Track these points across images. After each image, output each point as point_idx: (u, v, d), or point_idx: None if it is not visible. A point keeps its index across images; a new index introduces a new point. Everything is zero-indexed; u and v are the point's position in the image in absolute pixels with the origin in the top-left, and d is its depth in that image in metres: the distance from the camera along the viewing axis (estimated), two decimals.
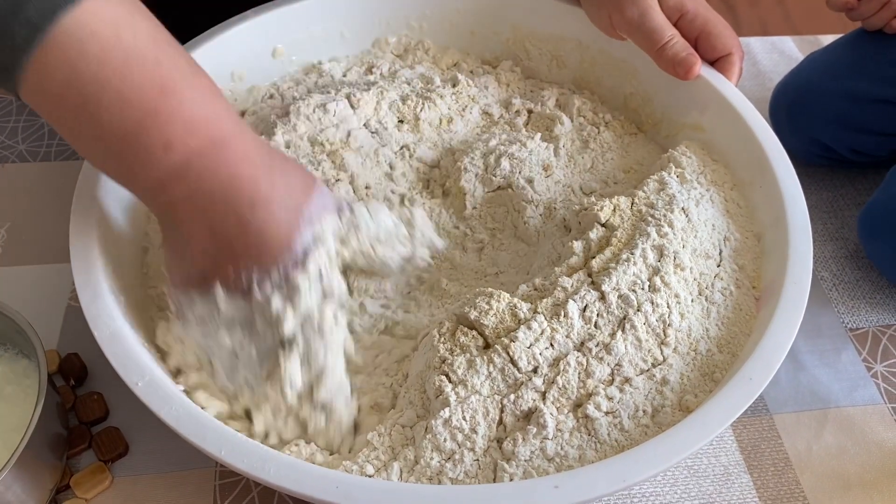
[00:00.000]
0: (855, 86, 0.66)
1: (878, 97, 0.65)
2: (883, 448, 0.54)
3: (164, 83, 0.39)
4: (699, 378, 0.44)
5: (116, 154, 0.39)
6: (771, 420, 0.56)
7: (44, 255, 0.62)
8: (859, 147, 0.68)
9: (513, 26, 0.66)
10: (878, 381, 0.58)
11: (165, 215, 0.42)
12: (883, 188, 0.62)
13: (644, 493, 0.51)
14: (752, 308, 0.47)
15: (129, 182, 0.42)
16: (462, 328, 0.44)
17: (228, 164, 0.40)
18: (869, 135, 0.67)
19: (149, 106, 0.38)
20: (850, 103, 0.66)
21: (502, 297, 0.44)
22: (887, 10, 0.64)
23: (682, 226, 0.47)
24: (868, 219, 0.62)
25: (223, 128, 0.41)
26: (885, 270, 0.62)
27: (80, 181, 0.49)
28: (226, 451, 0.38)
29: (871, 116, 0.66)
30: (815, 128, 0.68)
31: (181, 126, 0.39)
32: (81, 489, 0.49)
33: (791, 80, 0.71)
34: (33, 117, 0.74)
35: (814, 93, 0.68)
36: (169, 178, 0.40)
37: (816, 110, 0.67)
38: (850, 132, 0.67)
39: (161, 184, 0.40)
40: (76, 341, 0.57)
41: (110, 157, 0.40)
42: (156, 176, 0.40)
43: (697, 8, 0.56)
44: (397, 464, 0.41)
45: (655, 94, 0.61)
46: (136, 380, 0.41)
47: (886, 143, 0.68)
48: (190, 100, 0.39)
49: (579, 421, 0.42)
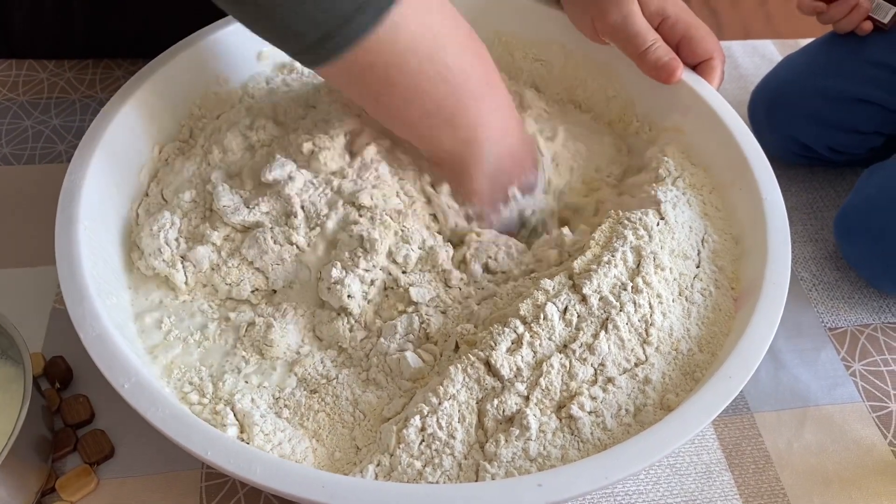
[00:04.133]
0: (831, 84, 0.67)
1: (854, 96, 0.67)
2: (861, 445, 0.55)
3: (472, 37, 0.50)
4: (680, 377, 0.45)
5: (455, 94, 0.48)
6: (752, 418, 0.56)
7: (28, 258, 0.62)
8: (837, 145, 0.69)
9: (496, 31, 0.66)
10: (856, 379, 0.59)
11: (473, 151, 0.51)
12: (856, 191, 0.64)
13: (627, 491, 0.52)
14: (731, 308, 0.48)
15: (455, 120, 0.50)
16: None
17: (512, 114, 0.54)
18: (846, 133, 0.68)
19: (474, 53, 0.50)
20: (826, 102, 0.67)
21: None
22: (856, 13, 0.66)
23: (659, 227, 0.48)
24: (843, 221, 0.63)
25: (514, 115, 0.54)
26: (861, 271, 0.64)
27: (65, 184, 0.49)
28: (212, 453, 0.39)
29: (847, 115, 0.67)
30: (794, 126, 0.69)
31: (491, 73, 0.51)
32: (67, 492, 0.49)
33: (769, 80, 0.72)
34: (17, 120, 0.73)
35: (792, 92, 0.69)
36: (489, 113, 0.51)
37: (794, 109, 0.69)
38: (828, 130, 0.68)
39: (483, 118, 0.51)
40: (61, 344, 0.56)
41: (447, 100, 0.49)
42: (483, 110, 0.50)
43: (679, 13, 0.57)
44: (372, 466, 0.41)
45: (638, 98, 0.61)
46: (123, 381, 0.41)
47: (864, 141, 0.69)
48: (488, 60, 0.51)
49: (562, 421, 0.42)
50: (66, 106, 0.75)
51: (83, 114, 0.74)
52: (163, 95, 0.57)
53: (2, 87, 0.76)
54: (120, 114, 0.53)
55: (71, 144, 0.71)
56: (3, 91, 0.76)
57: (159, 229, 0.50)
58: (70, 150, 0.71)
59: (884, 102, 0.66)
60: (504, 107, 0.53)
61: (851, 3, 0.65)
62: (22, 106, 0.75)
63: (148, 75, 0.56)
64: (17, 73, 0.77)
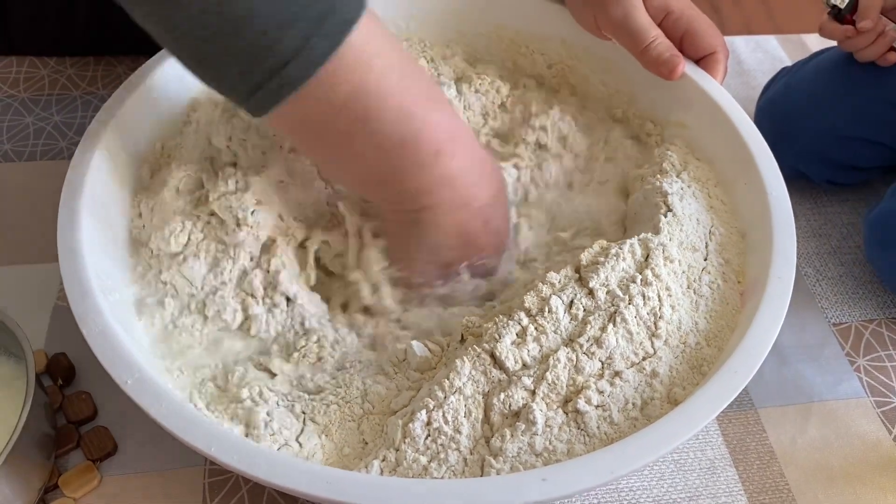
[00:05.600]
0: (842, 124, 0.65)
1: (863, 136, 0.65)
2: (866, 441, 0.55)
3: (430, 94, 0.45)
4: (688, 371, 0.45)
5: (390, 161, 0.43)
6: (756, 414, 0.56)
7: (31, 254, 0.62)
8: (836, 179, 0.69)
9: (498, 26, 0.66)
10: (860, 374, 0.59)
11: (416, 217, 0.46)
12: (892, 196, 0.61)
13: (631, 486, 0.52)
14: (737, 302, 0.48)
15: (395, 186, 0.45)
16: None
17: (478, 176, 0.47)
18: (847, 170, 0.68)
19: (424, 116, 0.43)
20: (834, 140, 0.66)
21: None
22: (882, 42, 0.62)
23: (667, 219, 0.48)
24: (880, 227, 0.61)
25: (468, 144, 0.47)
26: (887, 280, 0.62)
27: (67, 180, 0.49)
28: (216, 448, 0.38)
29: (852, 154, 0.66)
30: (796, 158, 0.67)
31: (446, 135, 0.44)
32: (70, 488, 0.49)
33: (776, 103, 0.69)
34: (18, 117, 0.73)
35: (798, 126, 0.67)
36: (437, 183, 0.45)
37: (799, 143, 0.67)
38: (831, 168, 0.68)
39: (428, 188, 0.45)
40: (63, 341, 0.56)
41: (382, 164, 0.44)
42: (427, 180, 0.44)
43: (682, 8, 0.56)
44: (377, 462, 0.41)
45: (640, 93, 0.61)
46: (126, 378, 0.41)
47: (863, 176, 0.69)
48: (448, 111, 0.45)
49: (569, 415, 0.42)
50: (68, 102, 0.75)
51: (84, 110, 0.74)
52: (165, 91, 0.57)
53: (3, 83, 0.76)
54: (122, 110, 0.53)
55: (72, 141, 0.71)
56: (5, 88, 0.76)
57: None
58: (71, 147, 0.70)
59: (894, 143, 0.65)
60: (462, 174, 0.46)
61: (878, 30, 0.61)
62: (23, 102, 0.75)
63: (149, 72, 0.55)
64: (18, 69, 0.77)
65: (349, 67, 0.40)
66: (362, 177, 0.46)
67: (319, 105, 0.40)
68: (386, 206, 0.48)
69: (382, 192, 0.47)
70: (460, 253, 0.48)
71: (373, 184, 0.47)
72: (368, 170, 0.45)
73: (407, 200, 0.46)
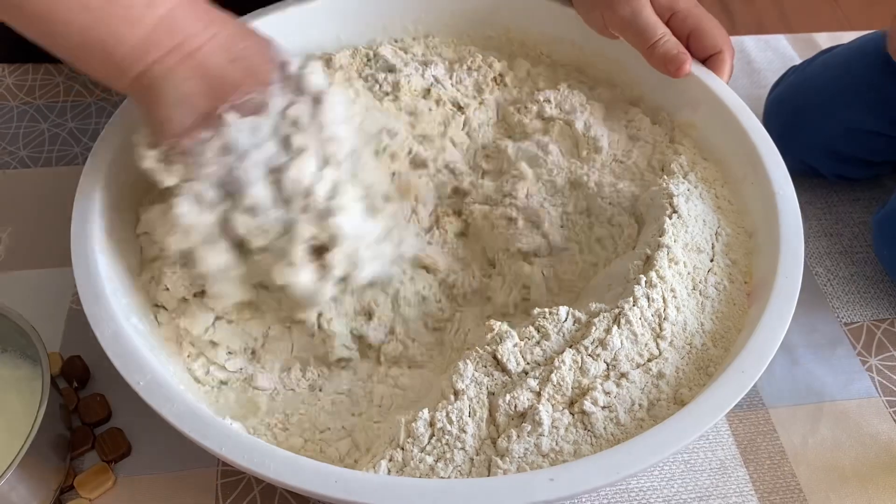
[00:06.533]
0: (852, 116, 0.64)
1: (874, 129, 0.64)
2: (878, 441, 0.55)
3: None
4: (694, 372, 0.45)
5: (103, 23, 0.40)
6: (766, 414, 0.56)
7: (46, 259, 0.63)
8: (846, 173, 0.69)
9: (507, 28, 0.66)
10: (872, 374, 0.59)
11: (151, 78, 0.42)
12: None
13: (641, 487, 0.52)
14: (744, 303, 0.48)
15: (117, 51, 0.41)
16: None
17: (208, 16, 0.43)
18: (857, 164, 0.67)
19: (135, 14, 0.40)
20: (842, 134, 0.65)
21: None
22: None
23: (672, 221, 0.48)
24: (889, 226, 0.61)
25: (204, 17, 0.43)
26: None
27: (81, 185, 0.50)
28: (227, 448, 0.39)
29: (863, 147, 0.66)
30: (806, 152, 0.67)
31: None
32: (85, 489, 0.50)
33: (786, 96, 0.69)
34: (34, 124, 0.74)
35: (807, 120, 0.66)
36: (156, 30, 0.41)
37: (809, 138, 0.66)
38: (841, 162, 0.67)
39: (149, 41, 0.41)
40: (78, 344, 0.57)
41: (96, 29, 0.40)
42: (144, 32, 0.41)
43: (689, 7, 0.57)
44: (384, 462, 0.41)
45: (648, 94, 0.61)
46: (138, 379, 0.41)
47: (873, 169, 0.69)
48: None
49: (575, 416, 0.42)
50: (82, 109, 0.76)
51: (98, 116, 0.75)
52: None
53: (19, 90, 0.77)
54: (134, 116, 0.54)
55: (86, 147, 0.72)
56: (21, 95, 0.77)
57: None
58: (86, 153, 0.71)
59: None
60: (185, 14, 0.42)
61: None
62: (38, 109, 0.76)
63: None
64: (34, 77, 0.78)
65: None
66: (84, 51, 0.42)
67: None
68: (118, 82, 0.44)
69: (108, 64, 0.42)
70: (212, 97, 0.43)
71: (96, 56, 0.42)
72: (84, 38, 0.41)
73: (133, 63, 0.42)
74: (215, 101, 0.43)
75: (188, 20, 0.42)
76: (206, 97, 0.43)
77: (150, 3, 0.40)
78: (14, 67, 0.79)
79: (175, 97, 0.42)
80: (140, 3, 0.40)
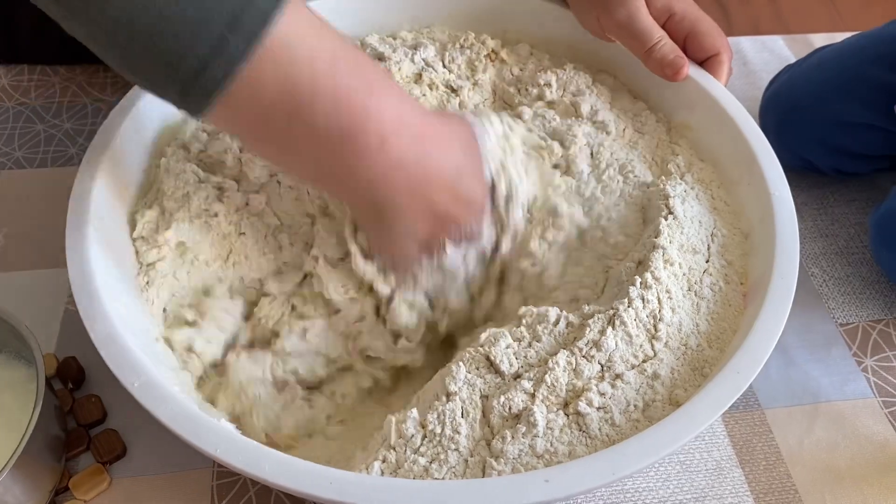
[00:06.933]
0: (848, 109, 0.65)
1: (870, 122, 0.65)
2: (873, 442, 0.55)
3: (370, 80, 0.42)
4: (689, 373, 0.45)
5: (334, 155, 0.42)
6: (762, 415, 0.56)
7: (41, 260, 0.63)
8: (844, 167, 0.69)
9: (504, 30, 0.66)
10: (868, 375, 0.59)
11: (378, 206, 0.45)
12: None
13: (637, 488, 0.52)
14: (740, 303, 0.48)
15: (345, 180, 0.44)
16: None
17: (434, 149, 0.45)
18: (855, 157, 0.67)
19: (363, 104, 0.41)
20: (840, 127, 0.65)
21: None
22: None
23: (667, 222, 0.48)
24: (885, 227, 0.61)
25: (418, 121, 0.44)
26: (895, 280, 0.62)
27: (76, 186, 0.50)
28: (221, 450, 0.39)
29: (859, 141, 0.66)
30: (803, 148, 0.67)
31: (392, 120, 0.42)
32: (80, 490, 0.49)
33: (781, 93, 0.70)
34: (30, 124, 0.74)
35: (803, 114, 0.67)
36: (389, 169, 0.43)
37: (805, 132, 0.67)
38: (838, 156, 0.67)
39: (382, 176, 0.43)
40: (73, 345, 0.57)
41: (326, 159, 0.42)
42: (377, 170, 0.43)
43: (686, 9, 0.56)
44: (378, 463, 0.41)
45: (644, 95, 0.61)
46: (133, 380, 0.41)
47: (872, 164, 0.69)
48: (394, 94, 0.43)
49: (570, 417, 0.42)
50: (78, 110, 0.76)
51: (94, 117, 0.75)
52: None
53: (14, 91, 0.77)
54: (129, 116, 0.54)
55: (82, 147, 0.72)
56: (16, 95, 0.77)
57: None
58: (82, 154, 0.70)
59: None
60: (417, 155, 0.43)
61: None
62: (34, 110, 0.76)
63: None
64: (30, 77, 0.78)
65: (274, 62, 0.38)
66: (312, 174, 0.45)
67: (250, 103, 0.39)
68: (346, 200, 0.47)
69: (337, 186, 0.45)
70: (435, 230, 0.46)
71: (325, 180, 0.45)
72: (316, 166, 0.43)
73: (363, 192, 0.44)
74: (437, 234, 0.47)
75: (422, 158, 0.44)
76: (430, 230, 0.46)
77: (384, 141, 0.42)
78: (10, 68, 0.79)
79: (402, 229, 0.46)
80: (372, 141, 0.42)
